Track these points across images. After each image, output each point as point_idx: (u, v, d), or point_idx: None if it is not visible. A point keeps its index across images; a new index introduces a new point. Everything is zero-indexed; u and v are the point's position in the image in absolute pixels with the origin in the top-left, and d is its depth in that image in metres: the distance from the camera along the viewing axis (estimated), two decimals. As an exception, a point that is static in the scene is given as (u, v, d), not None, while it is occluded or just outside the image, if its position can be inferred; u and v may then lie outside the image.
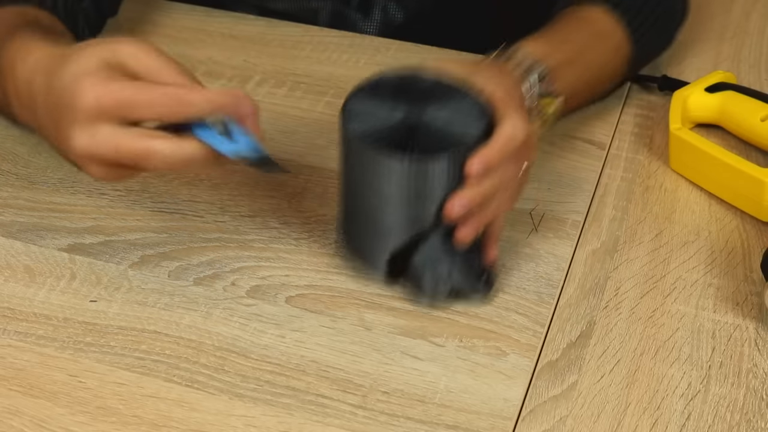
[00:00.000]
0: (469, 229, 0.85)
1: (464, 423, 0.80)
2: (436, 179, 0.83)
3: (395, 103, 0.85)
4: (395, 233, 0.86)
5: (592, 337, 0.87)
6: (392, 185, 0.83)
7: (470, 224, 0.85)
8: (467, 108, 0.85)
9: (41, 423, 0.79)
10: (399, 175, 0.83)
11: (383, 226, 0.86)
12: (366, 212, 0.86)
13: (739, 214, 0.99)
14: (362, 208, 0.87)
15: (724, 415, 0.81)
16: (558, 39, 1.01)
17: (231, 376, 0.83)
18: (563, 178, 1.02)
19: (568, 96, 0.99)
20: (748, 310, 0.89)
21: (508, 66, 0.95)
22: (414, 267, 0.87)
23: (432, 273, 0.87)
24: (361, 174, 0.85)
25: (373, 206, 0.85)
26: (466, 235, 0.85)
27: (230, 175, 1.01)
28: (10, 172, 1.01)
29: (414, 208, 0.84)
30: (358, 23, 1.25)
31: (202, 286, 0.90)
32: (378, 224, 0.86)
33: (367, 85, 0.87)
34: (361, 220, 0.87)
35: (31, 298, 0.89)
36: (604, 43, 1.05)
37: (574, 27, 1.04)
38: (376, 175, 0.83)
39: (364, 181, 0.85)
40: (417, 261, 0.87)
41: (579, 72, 1.01)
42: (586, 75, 1.02)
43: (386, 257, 0.87)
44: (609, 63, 1.05)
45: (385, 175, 0.83)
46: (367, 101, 0.86)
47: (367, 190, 0.85)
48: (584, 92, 1.04)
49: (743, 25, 1.25)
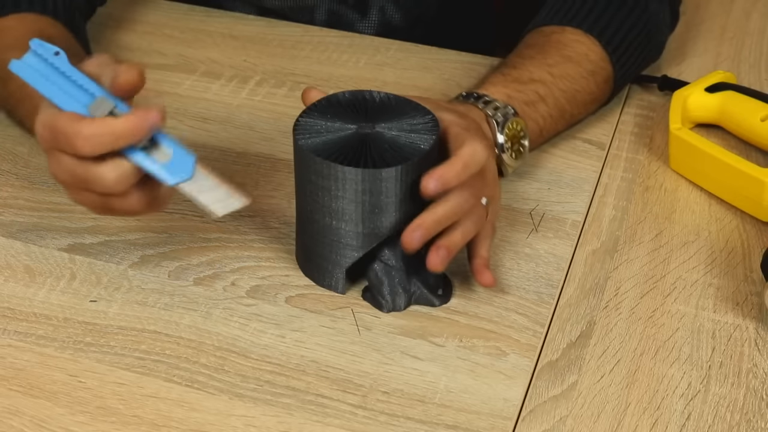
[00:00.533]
0: (432, 256, 0.85)
1: (464, 423, 0.80)
2: (389, 191, 0.83)
3: (347, 119, 0.87)
4: (351, 246, 0.86)
5: (592, 337, 0.87)
6: (345, 197, 0.84)
7: (433, 250, 0.85)
8: (418, 123, 0.86)
9: (41, 423, 0.79)
10: (351, 186, 0.83)
11: (339, 239, 0.86)
12: (321, 225, 0.87)
13: (739, 214, 0.99)
14: (316, 220, 0.87)
15: (724, 415, 0.81)
16: (525, 77, 1.00)
17: (231, 376, 0.83)
18: (563, 178, 1.02)
19: (539, 131, 1.00)
20: (748, 310, 0.89)
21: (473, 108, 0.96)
22: (371, 279, 0.88)
23: (389, 286, 0.87)
24: (314, 186, 0.85)
25: (327, 219, 0.86)
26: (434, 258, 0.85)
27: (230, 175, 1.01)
28: (10, 172, 1.01)
29: (368, 220, 0.85)
30: (355, 23, 1.25)
31: (202, 286, 0.90)
32: (333, 236, 0.86)
33: (319, 102, 0.88)
34: (316, 232, 0.88)
35: (31, 298, 0.89)
36: (577, 69, 1.03)
37: (546, 54, 1.03)
38: (329, 187, 0.84)
39: (318, 194, 0.85)
40: (373, 274, 0.87)
41: (548, 108, 1.00)
42: (557, 108, 1.01)
43: (342, 270, 0.88)
44: (584, 89, 1.03)
45: (339, 187, 0.84)
46: (320, 117, 0.87)
47: (321, 202, 0.85)
48: (558, 123, 1.03)
49: (743, 25, 1.25)
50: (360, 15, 1.25)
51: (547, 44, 1.04)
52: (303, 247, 0.91)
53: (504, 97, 0.97)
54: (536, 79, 1.00)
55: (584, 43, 1.04)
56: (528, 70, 1.01)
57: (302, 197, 0.88)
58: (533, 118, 0.99)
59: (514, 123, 0.96)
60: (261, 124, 1.08)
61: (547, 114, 1.00)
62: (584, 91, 1.03)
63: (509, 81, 0.99)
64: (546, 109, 1.00)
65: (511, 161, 0.97)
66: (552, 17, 1.06)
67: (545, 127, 1.01)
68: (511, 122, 0.95)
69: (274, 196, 0.98)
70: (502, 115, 0.95)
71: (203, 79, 1.14)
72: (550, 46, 1.04)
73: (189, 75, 1.14)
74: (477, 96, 0.97)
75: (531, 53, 1.03)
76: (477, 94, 0.97)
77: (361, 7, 1.24)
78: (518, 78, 1.00)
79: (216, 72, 1.15)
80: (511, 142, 0.96)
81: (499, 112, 0.95)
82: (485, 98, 0.97)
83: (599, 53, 1.04)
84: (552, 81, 1.01)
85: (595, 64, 1.04)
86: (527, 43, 1.05)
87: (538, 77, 1.00)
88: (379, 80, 1.13)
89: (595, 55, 1.04)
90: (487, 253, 0.89)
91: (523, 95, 0.99)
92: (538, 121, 0.99)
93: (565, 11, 1.06)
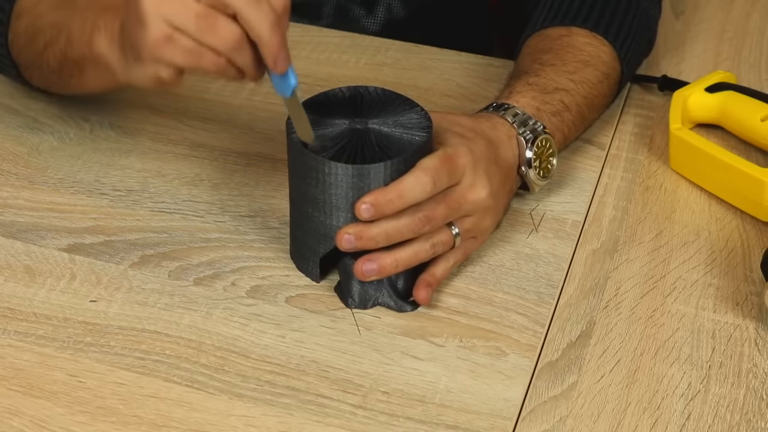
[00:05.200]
0: (371, 265, 0.85)
1: (464, 423, 0.80)
2: (375, 186, 0.84)
3: (341, 114, 0.87)
4: (328, 237, 0.86)
5: (592, 337, 0.87)
6: (330, 191, 0.84)
7: (373, 260, 0.85)
8: (411, 120, 0.87)
9: (41, 423, 0.79)
10: (336, 180, 0.83)
11: (317, 228, 0.87)
12: (303, 214, 0.87)
13: (739, 214, 0.99)
14: (298, 208, 0.88)
15: (724, 415, 0.81)
16: (550, 87, 0.99)
17: (231, 376, 0.83)
18: (563, 178, 1.01)
19: (563, 140, 1.00)
20: (748, 310, 0.89)
21: (503, 122, 0.95)
22: (340, 273, 0.88)
23: (359, 289, 0.87)
24: (300, 177, 0.86)
25: (308, 209, 0.86)
26: (365, 269, 0.85)
27: (230, 175, 1.01)
28: (10, 172, 1.01)
29: (348, 214, 0.85)
30: (361, 19, 1.25)
31: (202, 286, 0.90)
32: (311, 225, 0.87)
33: (316, 97, 0.89)
34: (299, 220, 0.89)
35: (31, 298, 0.89)
36: (595, 73, 1.03)
37: (564, 60, 1.02)
38: (314, 179, 0.84)
39: (303, 185, 0.86)
40: (342, 267, 0.88)
41: (572, 116, 1.00)
42: (579, 115, 1.01)
43: (317, 259, 0.88)
44: (600, 93, 1.03)
45: (324, 180, 0.84)
46: (314, 111, 0.87)
47: (305, 192, 0.86)
48: (579, 129, 1.03)
49: (743, 25, 1.25)
50: (366, 11, 1.25)
51: (561, 49, 1.03)
52: (291, 233, 0.92)
53: (533, 110, 0.96)
54: (560, 88, 0.99)
55: (594, 45, 1.04)
56: (552, 79, 1.00)
57: (290, 184, 0.89)
58: (560, 128, 0.98)
59: (544, 141, 0.94)
60: (261, 124, 1.08)
61: (571, 122, 1.00)
62: (601, 95, 1.03)
63: (536, 92, 0.98)
64: (570, 118, 1.00)
65: (537, 179, 0.95)
66: (553, 18, 1.06)
67: (569, 136, 1.01)
68: (540, 140, 0.94)
69: (274, 196, 0.98)
70: (531, 132, 0.94)
71: (203, 79, 1.13)
72: (565, 51, 1.03)
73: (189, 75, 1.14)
74: (507, 107, 0.96)
75: (549, 59, 1.02)
76: (507, 105, 0.96)
77: (368, 4, 1.24)
78: (544, 88, 0.99)
79: (216, 72, 1.15)
80: (539, 160, 0.95)
81: (528, 128, 0.94)
82: (515, 110, 0.95)
83: (609, 53, 1.04)
84: (575, 88, 1.00)
85: (608, 66, 1.04)
86: (540, 48, 1.04)
87: (562, 86, 1.00)
88: (379, 80, 1.13)
89: (607, 56, 1.04)
90: (440, 273, 0.89)
91: (550, 106, 0.98)
92: (563, 131, 0.99)
93: (565, 10, 1.05)
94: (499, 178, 0.91)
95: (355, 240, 0.84)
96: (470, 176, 0.87)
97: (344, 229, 0.84)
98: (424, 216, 0.85)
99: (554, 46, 1.03)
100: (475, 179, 0.87)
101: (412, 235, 0.85)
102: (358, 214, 0.83)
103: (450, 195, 0.86)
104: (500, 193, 0.91)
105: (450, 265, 0.89)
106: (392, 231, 0.84)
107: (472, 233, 0.89)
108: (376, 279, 0.86)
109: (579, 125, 1.02)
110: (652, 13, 1.10)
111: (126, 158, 1.03)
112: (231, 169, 1.02)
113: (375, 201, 0.83)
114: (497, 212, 0.92)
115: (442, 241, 0.87)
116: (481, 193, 0.88)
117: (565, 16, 1.05)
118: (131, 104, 1.09)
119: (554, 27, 1.05)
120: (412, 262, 0.87)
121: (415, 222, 0.85)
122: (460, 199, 0.87)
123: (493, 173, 0.90)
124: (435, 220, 0.86)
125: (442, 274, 0.89)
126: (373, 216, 0.83)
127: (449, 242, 0.88)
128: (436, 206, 0.85)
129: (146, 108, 1.09)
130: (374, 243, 0.85)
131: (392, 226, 0.84)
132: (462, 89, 1.12)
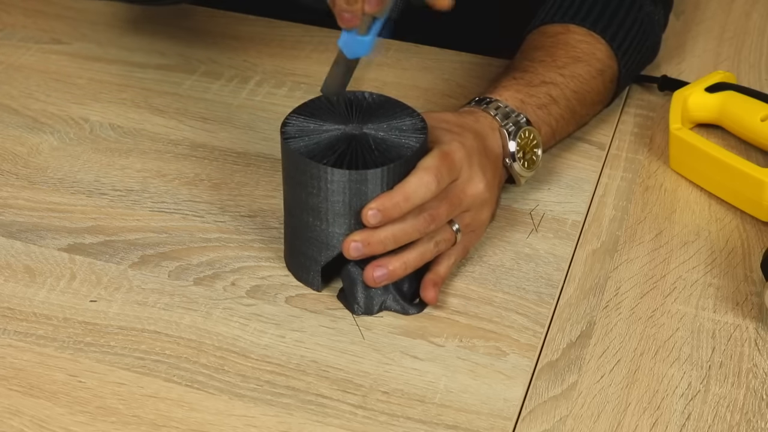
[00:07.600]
0: (381, 270, 0.85)
1: (464, 423, 0.80)
2: (372, 192, 0.84)
3: (336, 120, 0.87)
4: (328, 245, 0.86)
5: (592, 337, 0.87)
6: (327, 197, 0.84)
7: (382, 265, 0.85)
8: (406, 125, 0.87)
9: (41, 423, 0.79)
10: (333, 187, 0.83)
11: (317, 237, 0.87)
12: (302, 222, 0.87)
13: (739, 214, 0.99)
14: (296, 216, 0.87)
15: (724, 415, 0.81)
16: (536, 80, 0.99)
17: (231, 376, 0.83)
18: (563, 178, 1.02)
19: (552, 134, 1.00)
20: (748, 310, 0.89)
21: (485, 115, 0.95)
22: (344, 280, 0.88)
23: (365, 296, 0.87)
24: (297, 184, 0.85)
25: (307, 217, 0.86)
26: (376, 276, 0.85)
27: (230, 175, 1.01)
28: (10, 172, 1.01)
29: (348, 221, 0.85)
30: None
31: (202, 286, 0.90)
32: (312, 234, 0.87)
33: (310, 102, 0.89)
34: (298, 228, 0.88)
35: (31, 298, 0.89)
36: (587, 68, 1.03)
37: (555, 56, 1.02)
38: (311, 186, 0.84)
39: (301, 192, 0.85)
40: (346, 275, 0.87)
41: (560, 109, 1.00)
42: (569, 109, 1.01)
43: (318, 267, 0.88)
44: (593, 89, 1.03)
45: (321, 186, 0.84)
46: (309, 116, 0.87)
47: (303, 200, 0.86)
48: (570, 124, 1.03)
49: (743, 25, 1.25)
50: None
51: (554, 46, 1.03)
52: (287, 242, 0.91)
53: (517, 102, 0.96)
54: (548, 81, 1.00)
55: (589, 42, 1.04)
56: (540, 73, 1.00)
57: (286, 193, 0.88)
58: (546, 121, 0.98)
59: (527, 132, 0.95)
60: (261, 124, 1.08)
61: (560, 116, 1.00)
62: (593, 91, 1.03)
63: (521, 85, 0.98)
64: (558, 111, 1.00)
65: (523, 171, 0.95)
66: (553, 15, 1.06)
67: (558, 130, 1.00)
68: (523, 131, 0.94)
69: (274, 196, 0.98)
70: (513, 124, 0.94)
71: (203, 79, 1.14)
72: (558, 47, 1.03)
73: (189, 75, 1.14)
74: (489, 101, 0.96)
75: (540, 56, 1.02)
76: (489, 98, 0.96)
77: None
78: (530, 81, 0.99)
79: (216, 72, 1.15)
80: (523, 152, 0.95)
81: (510, 120, 0.94)
82: (498, 103, 0.95)
83: (605, 51, 1.04)
84: (563, 82, 1.00)
85: (602, 63, 1.04)
86: (534, 46, 1.05)
87: (550, 79, 1.00)
88: (379, 80, 1.13)
89: (601, 53, 1.04)
90: (444, 271, 0.89)
91: (535, 99, 0.98)
92: (551, 123, 0.99)
93: (566, 9, 1.06)
94: (491, 169, 0.91)
95: (363, 247, 0.84)
96: (467, 171, 0.88)
97: (350, 236, 0.84)
98: (428, 215, 0.85)
99: (548, 43, 1.04)
100: (472, 173, 0.88)
101: (418, 235, 0.85)
102: (365, 220, 0.83)
103: (451, 192, 0.87)
104: (493, 184, 0.92)
105: (452, 263, 0.89)
106: (399, 233, 0.85)
107: (471, 227, 0.90)
108: (386, 284, 0.86)
109: (570, 119, 1.02)
110: (656, 19, 1.10)
111: (126, 158, 1.03)
112: (231, 169, 1.02)
113: (382, 206, 0.83)
114: (492, 204, 0.92)
115: (445, 239, 0.88)
116: (479, 186, 0.88)
117: (565, 13, 1.06)
118: (131, 104, 1.10)
119: (553, 24, 1.06)
120: (418, 263, 0.87)
121: (420, 222, 0.85)
122: (460, 195, 0.87)
123: (486, 165, 0.90)
124: (439, 218, 0.86)
125: (445, 272, 0.89)
126: (381, 222, 0.83)
127: (451, 239, 0.88)
128: (439, 204, 0.86)
129: (146, 108, 1.09)
130: (382, 248, 0.85)
131: (399, 228, 0.84)
132: (462, 89, 1.12)
